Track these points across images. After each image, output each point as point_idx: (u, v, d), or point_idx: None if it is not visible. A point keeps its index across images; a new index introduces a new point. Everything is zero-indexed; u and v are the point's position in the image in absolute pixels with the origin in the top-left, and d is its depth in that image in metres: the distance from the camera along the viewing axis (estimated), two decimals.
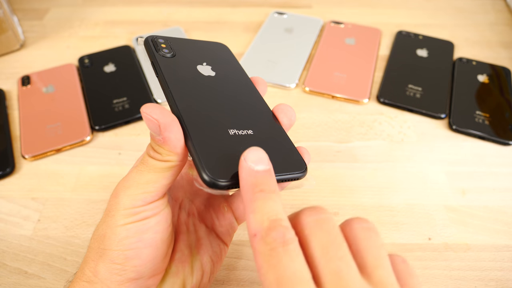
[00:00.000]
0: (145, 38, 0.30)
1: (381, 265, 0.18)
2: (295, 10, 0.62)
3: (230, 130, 0.26)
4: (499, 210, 0.38)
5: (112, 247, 0.23)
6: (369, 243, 0.19)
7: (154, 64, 0.28)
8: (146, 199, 0.23)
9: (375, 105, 0.48)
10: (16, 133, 0.45)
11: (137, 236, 0.23)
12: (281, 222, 0.18)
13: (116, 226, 0.23)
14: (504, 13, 0.62)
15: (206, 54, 0.31)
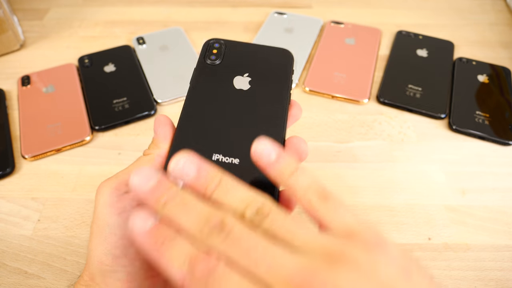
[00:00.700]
0: (206, 41, 0.30)
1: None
2: (295, 10, 0.62)
3: (215, 154, 0.25)
4: (499, 210, 0.38)
5: (98, 247, 0.23)
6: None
7: (193, 73, 0.28)
8: (119, 187, 0.23)
9: (375, 105, 0.48)
10: (16, 133, 0.45)
11: (119, 234, 0.23)
12: (196, 256, 0.17)
13: (98, 220, 0.23)
14: (504, 13, 0.62)
15: (257, 64, 0.29)
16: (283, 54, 0.30)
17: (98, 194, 0.24)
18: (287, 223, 0.18)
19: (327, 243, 0.17)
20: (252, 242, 0.17)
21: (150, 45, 0.55)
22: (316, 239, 0.17)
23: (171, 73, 0.51)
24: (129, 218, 0.18)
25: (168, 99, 0.48)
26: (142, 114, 0.46)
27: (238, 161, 0.25)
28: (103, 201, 0.23)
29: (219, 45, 0.30)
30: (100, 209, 0.23)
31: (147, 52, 0.54)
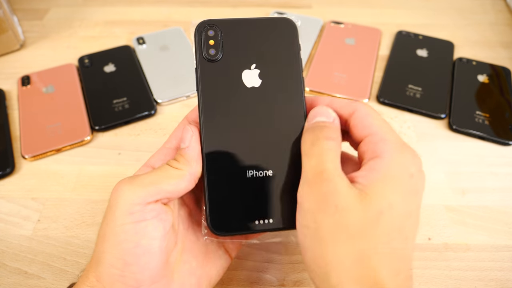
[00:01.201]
0: (196, 28, 0.26)
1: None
2: (295, 10, 0.62)
3: (249, 171, 0.26)
4: (499, 210, 0.38)
5: (111, 251, 0.23)
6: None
7: (196, 74, 0.26)
8: (145, 197, 0.23)
9: (375, 105, 0.48)
10: (16, 133, 0.45)
11: (135, 241, 0.23)
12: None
13: (115, 226, 0.23)
14: (504, 13, 0.62)
15: (261, 49, 0.27)
16: (286, 26, 0.27)
17: (118, 199, 0.23)
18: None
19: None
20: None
21: (150, 45, 0.55)
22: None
23: (171, 73, 0.51)
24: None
25: (168, 99, 0.48)
26: (142, 114, 0.46)
27: (272, 173, 0.26)
28: (124, 209, 0.23)
29: (213, 33, 0.26)
30: (118, 215, 0.23)
31: (147, 52, 0.54)
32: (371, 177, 0.23)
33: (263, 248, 0.35)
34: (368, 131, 0.24)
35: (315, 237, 0.22)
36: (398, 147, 0.24)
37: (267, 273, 0.34)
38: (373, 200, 0.22)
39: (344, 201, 0.21)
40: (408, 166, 0.23)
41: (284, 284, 0.33)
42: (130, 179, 0.24)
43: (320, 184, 0.22)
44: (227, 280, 0.33)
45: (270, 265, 0.34)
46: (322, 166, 0.23)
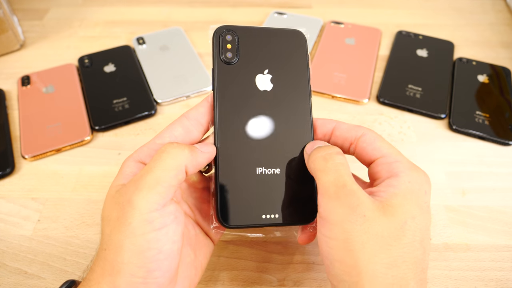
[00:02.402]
0: (214, 32, 0.28)
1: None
2: (295, 10, 0.62)
3: (258, 168, 0.27)
4: (499, 210, 0.38)
5: (132, 261, 0.22)
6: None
7: (213, 74, 0.28)
8: (159, 201, 0.23)
9: (375, 105, 0.48)
10: (16, 133, 0.45)
11: (158, 248, 0.22)
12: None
13: (135, 236, 0.22)
14: (504, 13, 0.62)
15: (273, 56, 0.29)
16: (297, 37, 0.30)
17: (132, 211, 0.22)
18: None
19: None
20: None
21: (150, 45, 0.55)
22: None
23: (171, 73, 0.51)
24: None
25: (168, 99, 0.48)
26: (142, 114, 0.46)
27: (279, 171, 0.27)
28: (142, 219, 0.22)
29: (231, 37, 0.28)
30: (136, 225, 0.22)
31: (147, 52, 0.54)
32: (390, 192, 0.24)
33: (263, 248, 0.35)
34: (379, 153, 0.26)
35: (345, 248, 0.22)
36: (412, 167, 0.26)
37: (267, 273, 0.34)
38: (397, 211, 0.23)
39: (371, 211, 0.23)
40: (422, 183, 0.25)
41: (284, 284, 0.33)
42: (134, 186, 0.23)
43: (345, 197, 0.23)
44: (227, 280, 0.33)
45: (270, 265, 0.34)
46: (342, 180, 0.24)
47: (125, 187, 0.24)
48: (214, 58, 0.28)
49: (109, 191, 0.25)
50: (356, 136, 0.27)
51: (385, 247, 0.22)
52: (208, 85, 0.50)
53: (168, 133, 0.28)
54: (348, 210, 0.23)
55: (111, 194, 0.25)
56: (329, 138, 0.29)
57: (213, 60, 0.28)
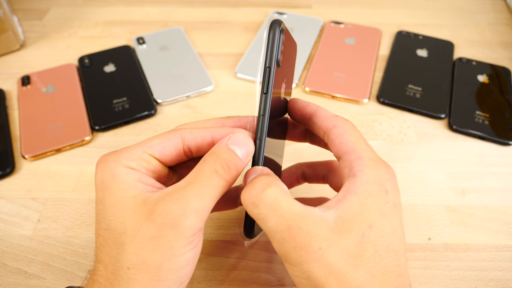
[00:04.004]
0: (278, 28, 0.24)
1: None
2: (295, 10, 0.62)
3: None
4: (499, 210, 0.38)
5: (169, 277, 0.22)
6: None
7: (268, 74, 0.24)
8: (201, 226, 0.23)
9: (375, 105, 0.48)
10: (16, 133, 0.45)
11: (192, 264, 0.23)
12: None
13: (175, 257, 0.22)
14: (504, 13, 0.62)
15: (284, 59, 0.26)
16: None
17: (178, 234, 0.22)
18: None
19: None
20: None
21: (150, 45, 0.55)
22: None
23: (171, 73, 0.51)
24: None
25: (168, 99, 0.48)
26: (142, 114, 0.46)
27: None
28: (186, 242, 0.22)
29: (283, 40, 0.25)
30: (179, 248, 0.22)
31: (147, 52, 0.54)
32: (346, 202, 0.23)
33: (263, 248, 0.35)
34: (345, 148, 0.25)
35: (310, 284, 0.22)
36: (372, 164, 0.24)
37: (267, 273, 0.34)
38: (352, 226, 0.22)
39: (325, 240, 0.21)
40: (382, 182, 0.23)
41: (284, 284, 0.33)
42: (181, 208, 0.22)
43: (294, 239, 0.21)
44: (227, 280, 0.33)
45: (270, 265, 0.34)
46: (284, 223, 0.22)
47: (163, 204, 0.22)
48: (268, 56, 0.24)
49: (126, 199, 0.23)
50: (328, 127, 0.26)
51: (350, 269, 0.21)
52: (208, 85, 0.50)
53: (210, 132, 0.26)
54: (301, 251, 0.21)
55: (134, 203, 0.23)
56: (307, 123, 0.28)
57: (267, 57, 0.24)
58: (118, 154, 0.24)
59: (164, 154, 0.25)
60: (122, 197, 0.23)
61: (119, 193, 0.23)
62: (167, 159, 0.25)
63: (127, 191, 0.23)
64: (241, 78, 0.51)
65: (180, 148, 0.25)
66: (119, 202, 0.23)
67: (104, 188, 0.24)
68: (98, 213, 0.24)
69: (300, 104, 0.28)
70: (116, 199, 0.23)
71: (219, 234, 0.36)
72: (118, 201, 0.23)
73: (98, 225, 0.24)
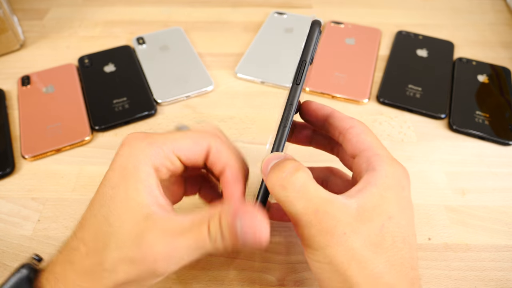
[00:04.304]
0: (320, 26, 0.26)
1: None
2: (295, 10, 0.62)
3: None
4: (499, 210, 0.38)
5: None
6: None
7: (303, 68, 0.26)
8: (171, 271, 0.24)
9: (375, 105, 0.48)
10: (16, 133, 0.45)
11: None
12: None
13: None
14: (503, 13, 0.62)
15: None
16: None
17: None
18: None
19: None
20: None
21: (150, 45, 0.55)
22: None
23: (171, 73, 0.51)
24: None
25: (168, 99, 0.48)
26: (142, 114, 0.46)
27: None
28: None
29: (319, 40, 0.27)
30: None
31: (147, 52, 0.54)
32: (367, 193, 0.24)
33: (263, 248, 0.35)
34: (362, 146, 0.26)
35: (331, 269, 0.22)
36: (390, 161, 0.25)
37: (267, 273, 0.34)
38: (373, 215, 0.23)
39: (349, 226, 0.22)
40: (400, 178, 0.25)
41: (284, 284, 0.33)
42: (167, 252, 0.22)
43: (320, 223, 0.22)
44: (227, 280, 0.33)
45: (270, 265, 0.34)
46: (312, 206, 0.23)
47: (154, 238, 0.22)
48: (308, 52, 0.26)
49: (134, 203, 0.23)
50: (345, 127, 0.27)
51: (371, 256, 0.22)
52: (208, 85, 0.50)
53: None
54: (326, 235, 0.22)
55: (138, 212, 0.23)
56: (321, 124, 0.29)
57: (308, 53, 0.26)
58: (149, 146, 0.25)
59: (189, 159, 0.26)
60: (132, 199, 0.23)
61: (132, 192, 0.23)
62: (189, 163, 0.26)
63: (140, 195, 0.23)
64: (241, 78, 0.51)
65: (203, 155, 0.26)
66: (127, 203, 0.23)
67: (123, 176, 0.24)
68: (104, 197, 0.24)
69: (316, 106, 0.29)
70: (127, 197, 0.23)
71: None
72: (126, 201, 0.23)
73: (98, 203, 0.25)
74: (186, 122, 0.46)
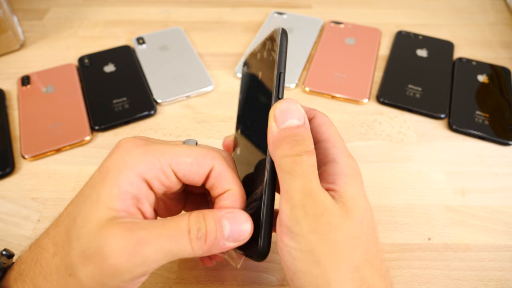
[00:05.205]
0: (286, 41, 0.25)
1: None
2: (295, 10, 0.62)
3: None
4: (499, 210, 0.38)
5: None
6: None
7: (283, 82, 0.25)
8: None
9: (375, 105, 0.48)
10: (16, 133, 0.45)
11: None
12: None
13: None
14: (504, 13, 0.62)
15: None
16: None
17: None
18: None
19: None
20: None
21: (150, 45, 0.55)
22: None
23: (171, 73, 0.51)
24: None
25: (168, 99, 0.48)
26: (142, 114, 0.46)
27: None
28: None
29: None
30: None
31: (147, 52, 0.54)
32: (342, 183, 0.24)
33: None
34: (321, 137, 0.26)
35: (311, 259, 0.22)
36: (347, 154, 0.26)
37: (267, 273, 0.34)
38: (354, 209, 0.23)
39: (336, 217, 0.22)
40: (358, 171, 0.25)
41: (284, 284, 0.33)
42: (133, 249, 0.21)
43: (310, 205, 0.22)
44: (227, 280, 0.33)
45: (270, 265, 0.34)
46: (309, 186, 0.22)
47: (121, 239, 0.21)
48: (284, 63, 0.25)
49: (103, 210, 0.22)
50: (308, 118, 0.27)
51: (350, 250, 0.22)
52: (208, 85, 0.50)
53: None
54: (314, 220, 0.21)
55: (104, 217, 0.22)
56: None
57: (283, 64, 0.25)
58: (144, 154, 0.23)
59: (186, 177, 0.24)
60: (102, 202, 0.22)
61: (105, 196, 0.22)
62: (185, 181, 0.24)
63: (112, 200, 0.22)
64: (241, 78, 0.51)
65: (203, 176, 0.24)
66: (96, 205, 0.22)
67: (102, 178, 0.23)
68: (81, 194, 0.25)
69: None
70: (98, 199, 0.22)
71: None
72: (97, 203, 0.22)
73: (75, 201, 0.25)
74: (187, 123, 0.46)
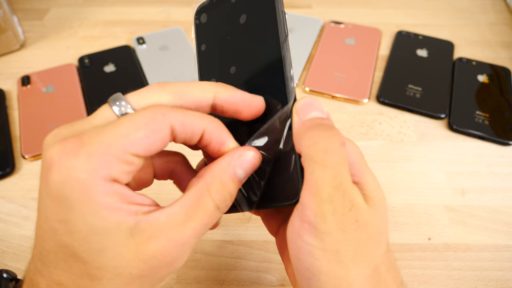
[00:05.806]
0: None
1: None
2: (295, 10, 0.62)
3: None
4: (499, 210, 0.38)
5: None
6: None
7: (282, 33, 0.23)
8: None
9: (375, 105, 0.48)
10: (16, 133, 0.45)
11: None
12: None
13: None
14: (504, 13, 0.62)
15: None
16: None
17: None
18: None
19: None
20: None
21: (150, 45, 0.55)
22: None
23: (171, 73, 0.51)
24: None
25: None
26: None
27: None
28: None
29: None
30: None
31: (147, 52, 0.54)
32: (362, 177, 0.22)
33: (263, 248, 0.35)
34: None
35: (335, 259, 0.19)
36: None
37: (267, 273, 0.34)
38: (379, 202, 0.21)
39: (362, 214, 0.20)
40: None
41: (284, 284, 0.33)
42: (180, 249, 0.19)
43: (339, 200, 0.20)
44: (227, 280, 0.33)
45: (270, 265, 0.34)
46: (339, 178, 0.20)
47: (159, 245, 0.19)
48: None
49: (106, 230, 0.18)
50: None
51: (374, 248, 0.20)
52: None
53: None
54: (340, 216, 0.19)
55: (117, 234, 0.19)
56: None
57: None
58: (90, 158, 0.18)
59: (150, 151, 0.19)
60: (102, 228, 0.18)
61: (96, 221, 0.18)
62: (151, 154, 0.20)
63: (108, 219, 0.18)
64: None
65: (167, 140, 0.20)
66: (96, 233, 0.18)
67: (70, 208, 0.19)
68: (56, 233, 0.19)
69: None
70: (91, 229, 0.18)
71: (219, 234, 0.36)
72: (94, 232, 0.18)
73: (53, 243, 0.19)
74: None
